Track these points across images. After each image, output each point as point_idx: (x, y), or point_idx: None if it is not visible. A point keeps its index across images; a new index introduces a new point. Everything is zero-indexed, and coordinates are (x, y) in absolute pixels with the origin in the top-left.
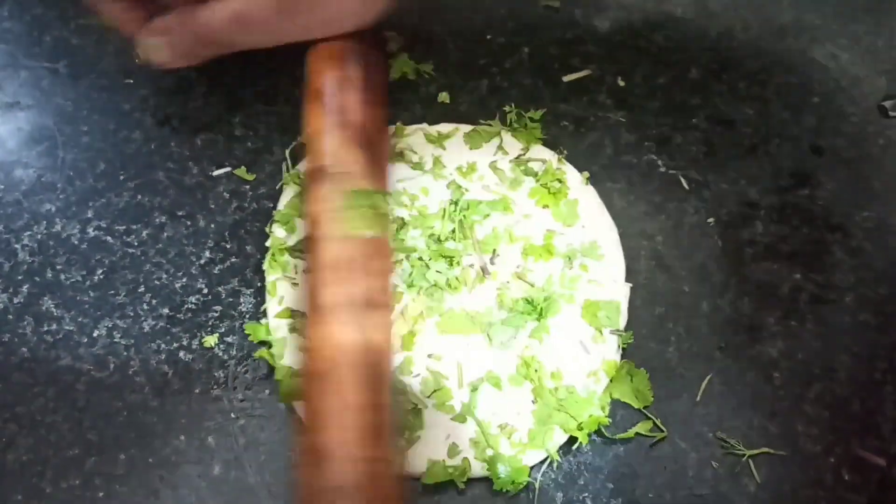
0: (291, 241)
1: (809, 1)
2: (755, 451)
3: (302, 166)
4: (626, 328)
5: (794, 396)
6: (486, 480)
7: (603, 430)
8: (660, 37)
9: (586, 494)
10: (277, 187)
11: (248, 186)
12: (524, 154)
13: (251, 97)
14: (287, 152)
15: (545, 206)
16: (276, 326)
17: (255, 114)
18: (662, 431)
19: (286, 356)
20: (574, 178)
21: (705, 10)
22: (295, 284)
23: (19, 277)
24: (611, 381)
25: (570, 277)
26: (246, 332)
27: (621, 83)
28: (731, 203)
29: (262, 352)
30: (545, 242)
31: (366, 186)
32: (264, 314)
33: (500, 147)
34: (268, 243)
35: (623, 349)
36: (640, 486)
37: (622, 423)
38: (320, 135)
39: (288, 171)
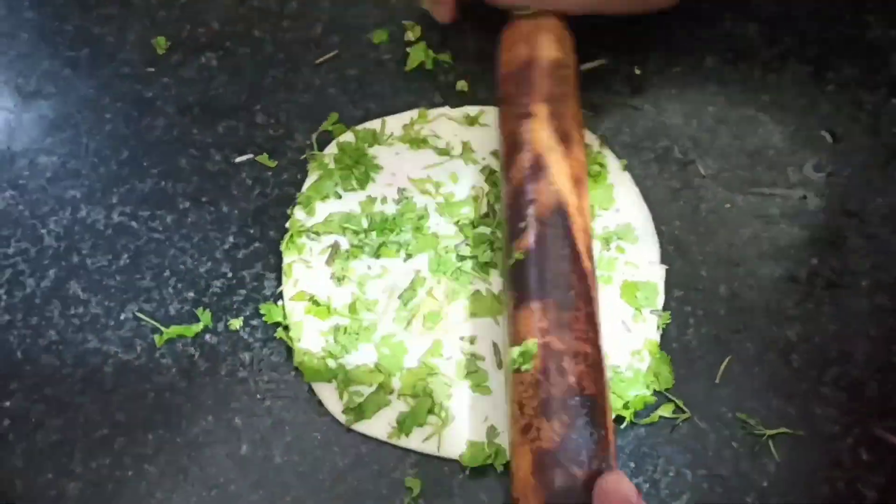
0: (310, 224)
1: None
2: (774, 431)
3: (329, 149)
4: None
5: (812, 378)
6: None
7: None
8: (676, 26)
9: None
10: (307, 167)
11: (270, 173)
12: None
13: (272, 85)
14: (314, 137)
15: None
16: (291, 309)
17: (276, 101)
18: (685, 413)
19: (304, 339)
20: (612, 164)
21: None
22: (310, 267)
23: (46, 262)
24: (653, 360)
25: (607, 259)
26: (261, 312)
27: (637, 72)
28: (746, 188)
29: (280, 332)
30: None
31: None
32: (281, 296)
33: None
34: (287, 225)
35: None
36: (661, 465)
37: None
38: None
39: (314, 155)
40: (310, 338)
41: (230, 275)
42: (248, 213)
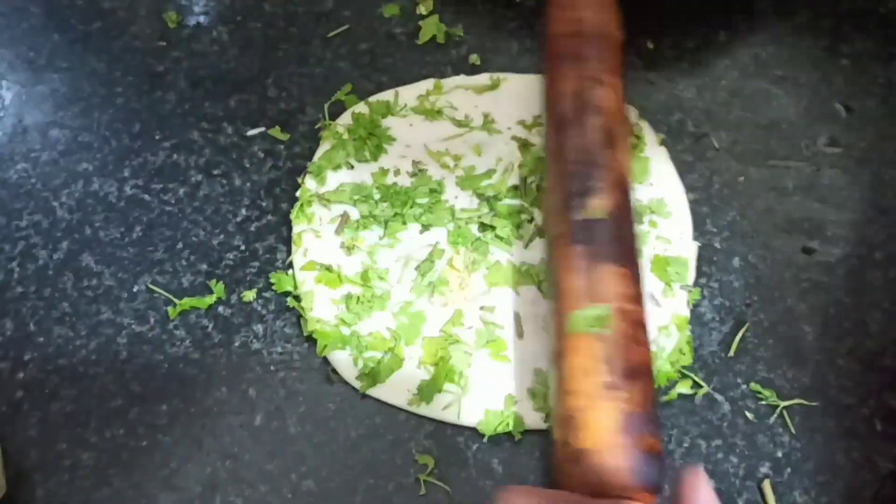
0: (322, 193)
1: None
2: (789, 402)
3: (343, 119)
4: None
5: (827, 350)
6: (542, 433)
7: None
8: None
9: None
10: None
11: (282, 146)
12: None
13: (283, 58)
14: (326, 106)
15: None
16: (302, 280)
17: (288, 75)
18: (702, 387)
19: (315, 308)
20: (650, 137)
21: None
22: (319, 237)
23: (58, 234)
24: (681, 335)
25: (640, 233)
26: (271, 280)
27: (651, 46)
28: (761, 161)
29: (291, 301)
30: None
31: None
32: (291, 266)
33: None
34: (297, 193)
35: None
36: (675, 436)
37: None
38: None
39: (326, 125)
40: (321, 306)
41: (243, 247)
42: (260, 186)
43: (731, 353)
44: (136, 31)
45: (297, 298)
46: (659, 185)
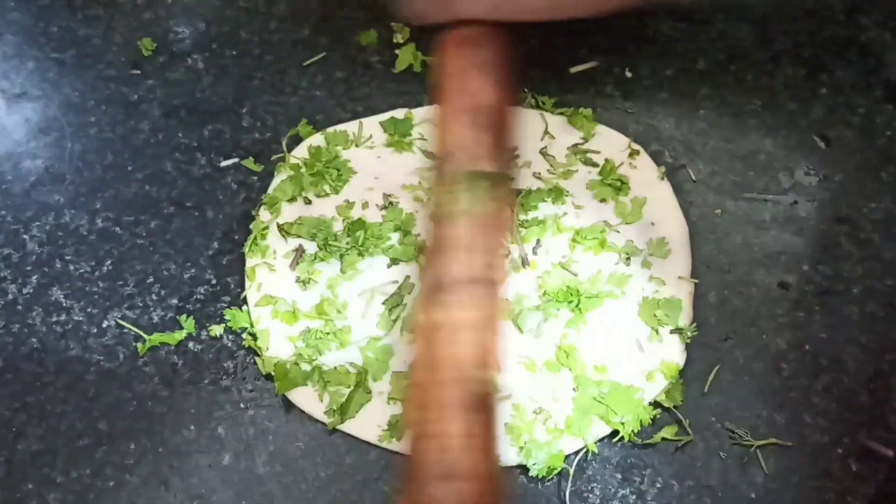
0: (274, 225)
1: None
2: (763, 442)
3: (299, 151)
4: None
5: (802, 387)
6: (520, 468)
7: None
8: (667, 27)
9: (595, 484)
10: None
11: (255, 177)
12: (584, 142)
13: (258, 87)
14: (284, 141)
15: (603, 201)
16: (257, 316)
17: (263, 104)
18: (689, 435)
19: (272, 346)
20: (649, 174)
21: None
22: (273, 270)
23: (28, 268)
24: (669, 384)
25: (621, 274)
26: (226, 317)
27: (628, 74)
28: (738, 193)
29: (248, 340)
30: (599, 236)
31: (488, 168)
32: (245, 301)
33: (546, 132)
34: (251, 226)
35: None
36: (648, 476)
37: None
38: (448, 118)
39: (282, 157)
40: (278, 343)
41: (214, 281)
42: (233, 218)
43: (706, 390)
44: (111, 58)
45: (254, 336)
46: (661, 224)
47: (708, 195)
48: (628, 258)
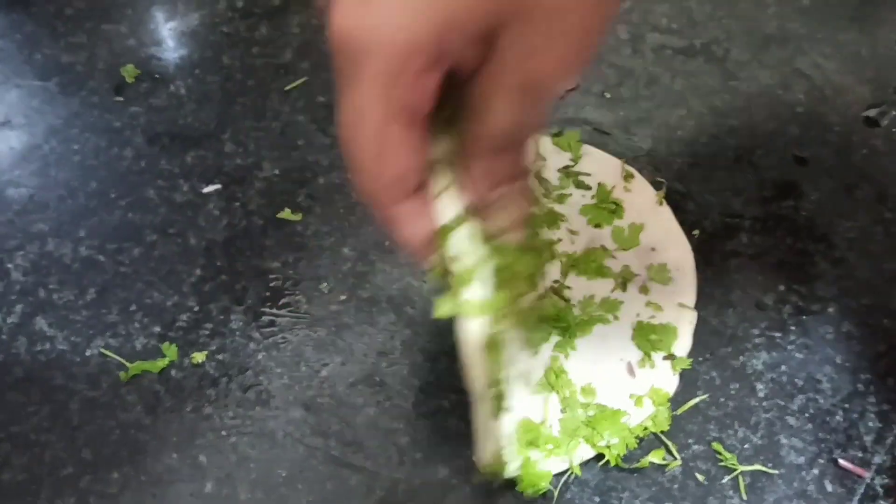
0: None
1: (793, 10)
2: (745, 469)
3: None
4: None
5: (779, 408)
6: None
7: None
8: (645, 49)
9: None
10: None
11: (237, 203)
12: (573, 164)
13: (241, 112)
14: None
15: (597, 226)
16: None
17: (245, 129)
18: (676, 458)
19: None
20: (646, 197)
21: (690, 20)
22: None
23: (12, 297)
24: (657, 410)
25: (614, 300)
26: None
27: (607, 95)
28: (715, 214)
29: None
30: (595, 262)
31: None
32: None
33: (537, 153)
34: None
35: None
36: (626, 499)
37: None
38: None
39: None
40: None
41: (196, 308)
42: (215, 245)
43: (679, 412)
44: (95, 85)
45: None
46: (664, 250)
47: (685, 215)
48: (624, 284)
